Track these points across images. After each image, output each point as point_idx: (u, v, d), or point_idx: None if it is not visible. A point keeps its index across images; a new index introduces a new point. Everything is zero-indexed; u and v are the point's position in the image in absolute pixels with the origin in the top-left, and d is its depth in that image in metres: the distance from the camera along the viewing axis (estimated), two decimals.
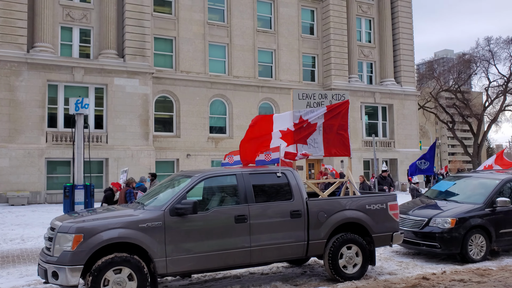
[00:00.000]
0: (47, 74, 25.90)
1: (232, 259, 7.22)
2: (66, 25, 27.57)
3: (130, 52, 28.16)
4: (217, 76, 31.72)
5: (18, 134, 24.93)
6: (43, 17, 26.19)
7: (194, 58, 31.10)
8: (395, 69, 38.19)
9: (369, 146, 35.91)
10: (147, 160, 27.95)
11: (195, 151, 30.14)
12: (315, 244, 7.84)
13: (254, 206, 7.45)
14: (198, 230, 7.01)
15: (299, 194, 7.87)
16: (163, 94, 30.34)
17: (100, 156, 26.97)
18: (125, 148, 27.54)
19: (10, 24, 25.29)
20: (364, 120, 36.79)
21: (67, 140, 26.21)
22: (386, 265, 9.40)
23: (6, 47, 25.10)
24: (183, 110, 30.49)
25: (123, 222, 6.66)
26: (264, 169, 8.03)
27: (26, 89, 25.27)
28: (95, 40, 28.12)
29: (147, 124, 28.25)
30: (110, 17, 27.97)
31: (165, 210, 6.87)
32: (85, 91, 27.40)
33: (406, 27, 38.40)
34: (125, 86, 27.87)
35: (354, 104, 35.39)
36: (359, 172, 34.80)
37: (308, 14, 35.94)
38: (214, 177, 7.57)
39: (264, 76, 33.59)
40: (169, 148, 29.93)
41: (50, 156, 25.72)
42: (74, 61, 26.67)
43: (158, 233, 6.74)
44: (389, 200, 8.54)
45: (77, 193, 12.45)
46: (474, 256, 9.56)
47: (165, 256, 6.76)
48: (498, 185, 10.15)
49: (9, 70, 25.04)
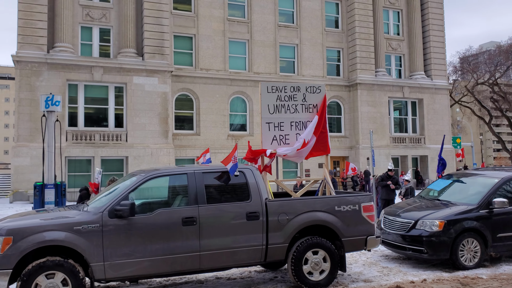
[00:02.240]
0: (66, 74, 26.26)
1: (180, 265, 6.75)
2: (85, 25, 27.87)
3: (149, 51, 28.18)
4: (237, 73, 31.31)
5: (38, 133, 25.31)
6: (63, 17, 26.57)
7: (213, 55, 30.82)
8: (425, 62, 36.58)
9: (398, 142, 34.59)
10: (166, 158, 27.92)
11: (215, 148, 29.81)
12: (275, 248, 7.25)
13: (205, 207, 6.96)
14: (140, 233, 6.58)
15: (258, 195, 7.31)
16: (183, 92, 30.23)
17: (120, 154, 27.17)
18: (144, 147, 27.61)
19: (30, 26, 25.79)
20: (392, 115, 35.44)
21: (87, 139, 26.55)
22: (366, 271, 8.69)
23: (27, 48, 25.62)
24: (203, 108, 30.29)
25: (57, 224, 6.33)
26: (220, 168, 7.51)
27: (46, 89, 25.67)
28: (114, 39, 28.31)
29: (166, 122, 28.20)
30: (129, 16, 28.08)
31: (104, 212, 6.50)
32: (105, 90, 27.67)
33: (437, 18, 36.69)
34: (144, 84, 27.92)
35: (382, 99, 34.22)
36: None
37: (332, 7, 34.93)
38: (161, 176, 7.09)
39: (286, 71, 32.90)
40: (189, 146, 29.79)
41: (70, 155, 26.07)
42: (93, 60, 26.92)
43: (95, 236, 6.37)
44: (363, 201, 7.84)
45: (47, 192, 12.32)
46: (466, 263, 8.68)
47: (102, 261, 6.38)
48: (496, 185, 9.20)
49: (30, 71, 25.55)
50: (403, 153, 34.56)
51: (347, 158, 33.56)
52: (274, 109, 8.52)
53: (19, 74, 25.46)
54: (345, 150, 33.67)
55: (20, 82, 25.42)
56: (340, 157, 34.06)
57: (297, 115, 8.61)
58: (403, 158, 34.89)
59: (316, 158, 31.81)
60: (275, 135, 8.48)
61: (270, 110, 8.49)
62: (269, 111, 8.48)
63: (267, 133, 8.43)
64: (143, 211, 6.77)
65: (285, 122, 8.55)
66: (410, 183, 14.02)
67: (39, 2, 26.03)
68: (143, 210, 6.80)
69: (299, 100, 8.65)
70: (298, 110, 8.63)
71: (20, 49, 25.55)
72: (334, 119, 34.40)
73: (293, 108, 8.61)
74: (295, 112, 8.61)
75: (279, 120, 8.52)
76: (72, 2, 27.18)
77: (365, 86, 33.64)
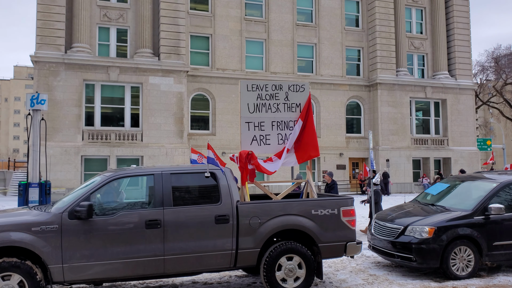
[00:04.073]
0: (83, 74, 26.56)
1: (142, 269, 6.52)
2: (103, 25, 28.14)
3: (165, 51, 28.25)
4: (254, 72, 31.06)
5: (55, 133, 25.75)
6: (81, 18, 26.89)
7: (230, 55, 30.66)
8: (449, 62, 35.45)
9: (419, 144, 33.63)
10: (181, 158, 27.91)
11: (230, 148, 29.69)
12: (245, 253, 6.94)
13: (171, 210, 6.71)
14: (101, 235, 6.39)
15: (229, 197, 7.01)
16: (199, 92, 30.20)
17: (135, 154, 27.31)
18: (159, 146, 27.67)
19: (49, 26, 26.20)
20: (414, 116, 34.49)
21: (103, 138, 26.79)
22: (351, 278, 8.27)
23: (45, 48, 26.04)
24: (219, 108, 30.17)
25: (14, 224, 6.20)
26: (190, 169, 7.25)
27: (63, 88, 26.07)
28: (131, 40, 28.49)
29: (181, 122, 28.19)
30: (145, 16, 28.21)
31: (63, 213, 6.34)
32: (122, 90, 27.88)
33: (462, 16, 35.48)
34: (159, 84, 27.99)
35: (403, 99, 33.35)
36: (408, 173, 32.79)
37: (352, 5, 34.26)
38: (126, 177, 6.88)
39: (303, 71, 32.45)
40: (205, 146, 29.64)
41: (86, 154, 26.36)
42: (109, 60, 27.14)
43: (53, 238, 6.22)
44: (342, 205, 7.44)
45: (31, 191, 12.33)
46: (457, 272, 8.16)
47: (61, 263, 6.22)
48: (493, 190, 8.62)
49: (48, 71, 25.95)
50: (425, 155, 33.59)
51: (366, 159, 32.82)
52: (254, 108, 8.20)
53: (37, 74, 25.90)
54: (364, 151, 32.96)
55: (38, 82, 25.84)
56: (360, 158, 33.36)
57: (278, 115, 8.27)
58: (425, 160, 33.90)
59: (333, 159, 31.29)
60: (255, 135, 8.16)
61: (250, 109, 8.17)
62: (249, 110, 8.17)
63: (246, 133, 8.12)
64: (105, 212, 6.58)
65: (265, 121, 8.22)
66: (377, 187, 13.42)
67: (57, 3, 26.42)
68: (105, 211, 6.61)
69: (281, 99, 8.30)
70: (280, 109, 8.29)
71: (38, 49, 26.00)
72: (353, 120, 33.74)
73: (275, 107, 8.27)
74: (277, 112, 8.27)
75: (260, 120, 8.20)
76: (90, 3, 27.48)
77: (385, 86, 32.85)
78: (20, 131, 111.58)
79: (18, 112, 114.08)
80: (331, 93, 32.69)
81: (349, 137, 33.12)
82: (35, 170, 12.53)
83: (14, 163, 38.46)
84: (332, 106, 32.67)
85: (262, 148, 8.16)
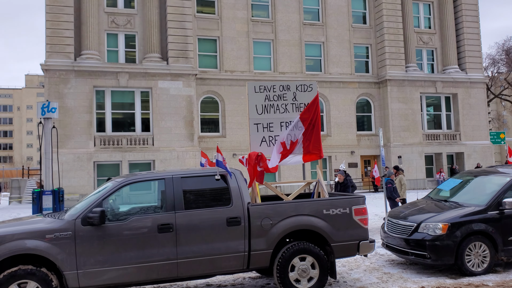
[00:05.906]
0: (93, 81, 26.79)
1: (156, 273, 6.56)
2: (111, 31, 28.36)
3: (173, 55, 28.37)
4: (262, 73, 31.07)
5: (68, 139, 26.00)
6: (89, 25, 27.13)
7: (238, 57, 30.71)
8: (459, 56, 35.13)
9: (431, 139, 33.38)
10: (192, 161, 28.00)
11: (241, 150, 29.68)
12: (258, 255, 6.94)
13: (182, 213, 6.74)
14: (114, 241, 6.43)
15: (240, 199, 7.02)
16: (208, 94, 30.29)
17: (147, 158, 27.48)
18: (170, 150, 27.80)
19: (58, 35, 26.47)
20: (425, 111, 34.23)
21: (115, 144, 26.98)
22: (365, 277, 8.24)
23: (55, 56, 26.32)
24: (228, 110, 30.23)
25: (28, 232, 6.27)
26: (200, 172, 7.28)
27: (74, 95, 26.32)
28: (139, 45, 28.67)
29: (191, 125, 28.30)
30: (153, 21, 28.37)
31: (77, 220, 6.40)
32: (131, 95, 28.07)
33: (471, 9, 35.16)
34: (169, 88, 28.13)
35: (413, 95, 33.13)
36: (421, 169, 32.56)
37: (359, 2, 34.11)
38: (138, 182, 6.92)
39: (312, 70, 32.38)
40: (215, 148, 29.71)
41: (98, 160, 26.57)
42: (118, 66, 27.35)
43: (67, 244, 6.28)
44: (354, 203, 7.41)
45: (45, 199, 12.45)
46: (473, 268, 8.08)
47: (76, 269, 6.28)
48: (507, 184, 8.52)
49: (58, 79, 26.21)
50: (437, 150, 33.32)
51: (377, 157, 32.64)
52: (262, 109, 8.24)
53: (48, 82, 26.17)
54: (375, 148, 32.78)
55: (49, 90, 26.11)
56: (371, 156, 33.19)
57: (287, 115, 8.28)
58: (438, 156, 33.63)
59: (345, 158, 31.14)
60: (264, 137, 8.19)
61: (258, 111, 8.21)
62: (257, 111, 8.21)
63: (255, 134, 8.17)
64: (117, 218, 6.63)
65: (274, 122, 8.25)
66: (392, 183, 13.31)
67: (65, 12, 26.70)
68: (117, 217, 6.66)
69: (289, 99, 8.31)
70: (288, 110, 8.30)
71: (48, 58, 26.29)
72: (364, 117, 33.58)
73: (283, 108, 8.28)
74: (285, 112, 8.29)
75: (268, 121, 8.23)
76: (98, 10, 27.72)
77: (395, 82, 32.66)
78: (33, 139, 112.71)
79: (30, 121, 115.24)
80: (341, 91, 32.58)
81: (360, 134, 32.98)
82: (47, 177, 12.67)
83: (28, 171, 38.91)
84: (342, 104, 32.56)
85: (272, 149, 8.16)
